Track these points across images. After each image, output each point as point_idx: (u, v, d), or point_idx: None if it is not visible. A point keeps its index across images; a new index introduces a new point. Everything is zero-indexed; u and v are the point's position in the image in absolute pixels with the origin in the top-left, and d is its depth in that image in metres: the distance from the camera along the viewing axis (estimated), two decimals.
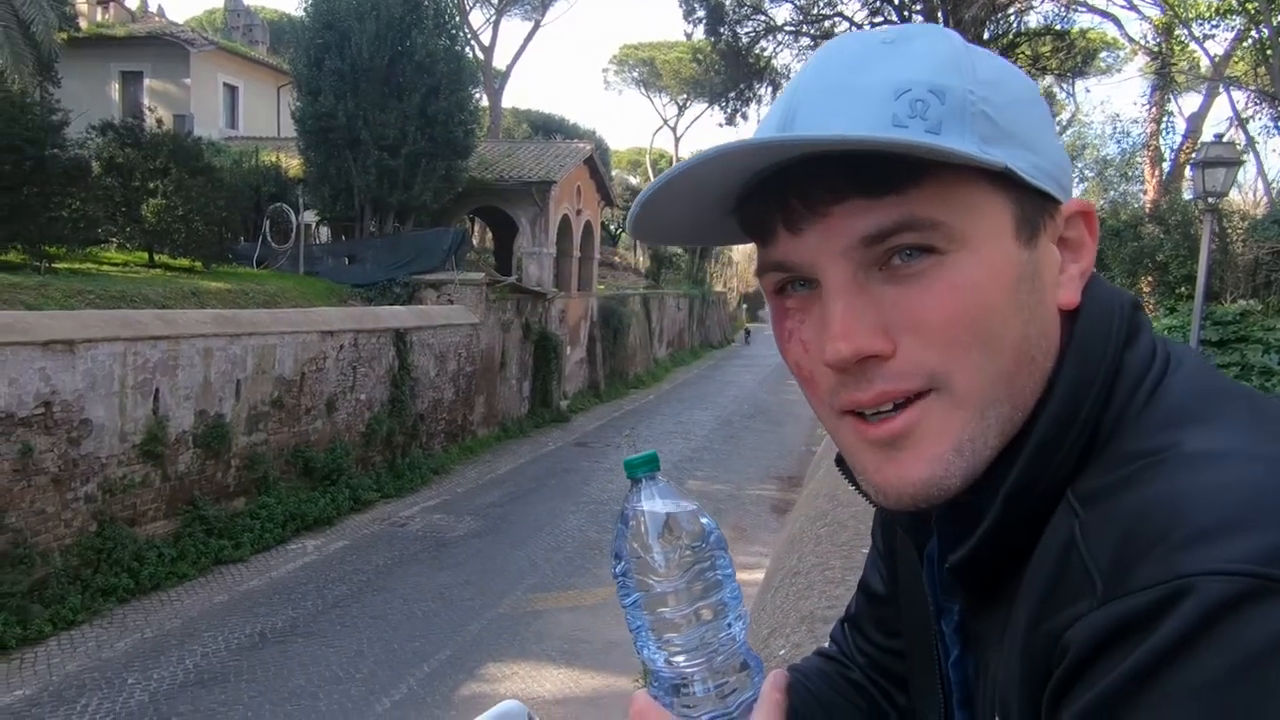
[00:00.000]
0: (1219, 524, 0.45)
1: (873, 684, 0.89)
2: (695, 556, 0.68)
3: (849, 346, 0.56)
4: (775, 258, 0.61)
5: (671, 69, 43.82)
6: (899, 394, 0.57)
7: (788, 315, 0.62)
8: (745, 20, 22.54)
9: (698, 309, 42.82)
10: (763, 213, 0.60)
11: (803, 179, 0.57)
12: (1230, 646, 0.41)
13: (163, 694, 7.59)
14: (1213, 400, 0.55)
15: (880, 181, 0.55)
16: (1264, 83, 15.58)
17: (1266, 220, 12.94)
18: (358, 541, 11.90)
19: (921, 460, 0.57)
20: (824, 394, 0.61)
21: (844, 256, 0.57)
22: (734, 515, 13.70)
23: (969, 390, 0.57)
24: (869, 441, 0.59)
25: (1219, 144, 10.87)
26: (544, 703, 7.78)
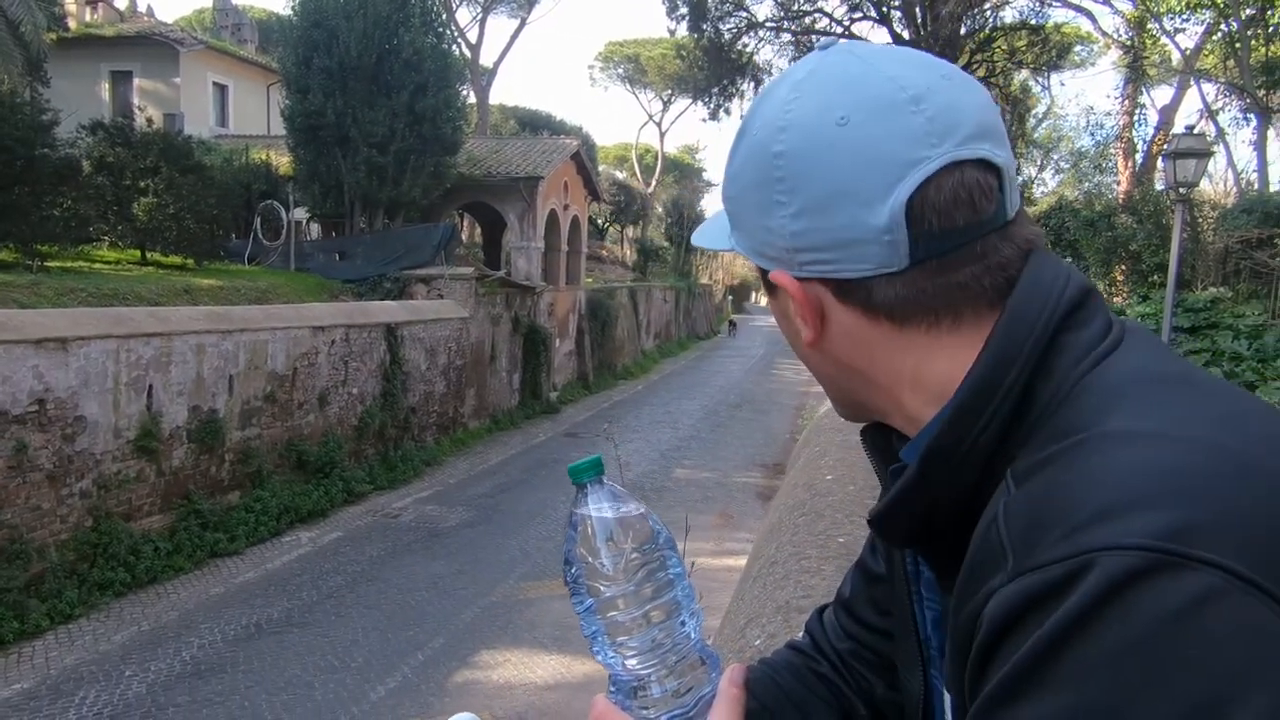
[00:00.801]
0: (1122, 502, 0.46)
1: (848, 675, 0.88)
2: (644, 558, 0.67)
3: None
4: None
5: (656, 65, 43.67)
6: None
7: None
8: (727, 17, 22.50)
9: (684, 301, 42.80)
10: None
11: None
12: (1129, 619, 0.43)
13: (160, 685, 7.56)
14: (1151, 383, 0.56)
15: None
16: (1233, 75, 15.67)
17: (1236, 210, 13.01)
18: (351, 533, 11.87)
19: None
20: None
21: None
22: (721, 502, 13.73)
23: None
24: None
25: (1190, 136, 10.92)
26: (536, 688, 7.79)
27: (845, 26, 22.22)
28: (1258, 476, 0.48)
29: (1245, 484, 0.47)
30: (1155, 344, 0.62)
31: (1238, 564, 0.43)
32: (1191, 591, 0.43)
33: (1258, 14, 14.74)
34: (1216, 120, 17.00)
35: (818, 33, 22.89)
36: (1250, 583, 0.43)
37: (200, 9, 38.01)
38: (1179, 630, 0.42)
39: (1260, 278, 11.53)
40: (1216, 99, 18.03)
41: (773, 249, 0.66)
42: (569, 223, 23.62)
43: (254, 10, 36.07)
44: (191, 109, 23.24)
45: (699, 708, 0.68)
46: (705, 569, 9.47)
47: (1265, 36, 14.79)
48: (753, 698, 0.84)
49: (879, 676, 0.86)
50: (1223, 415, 0.53)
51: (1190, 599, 0.42)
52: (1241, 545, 0.44)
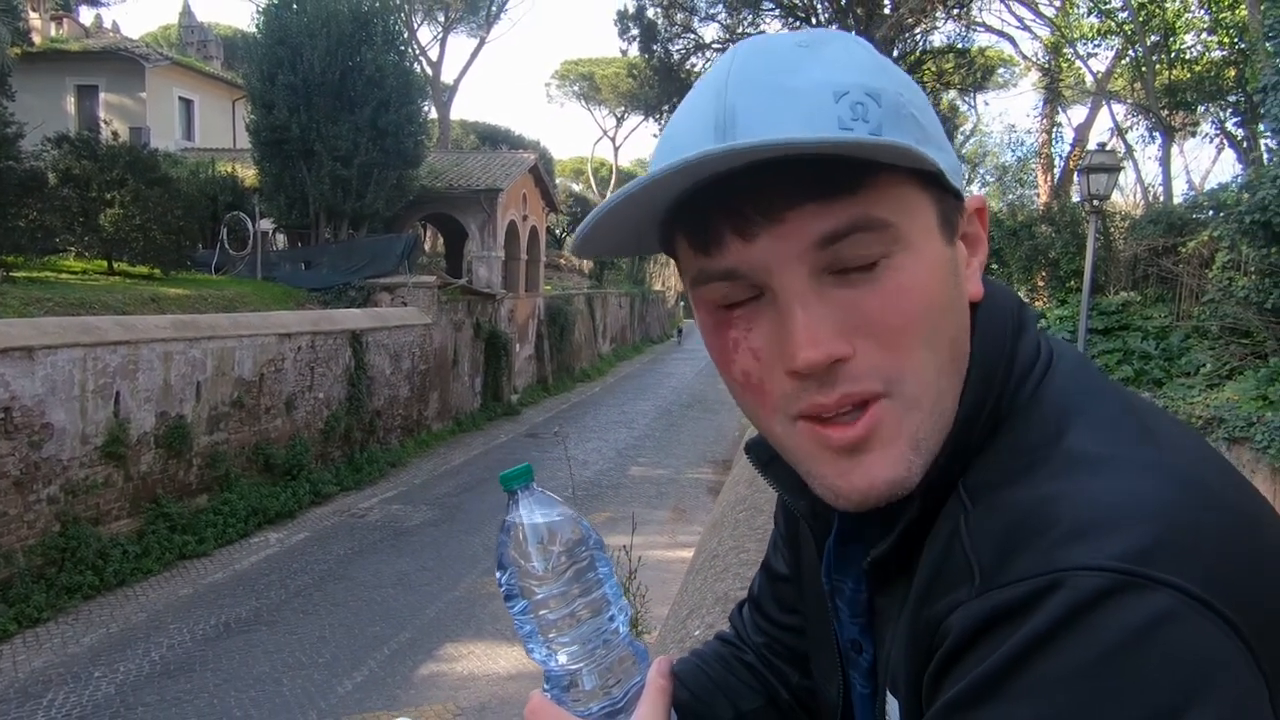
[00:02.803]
0: (1093, 523, 0.46)
1: (766, 665, 0.89)
2: (573, 559, 0.67)
3: (820, 352, 0.52)
4: (724, 265, 0.55)
5: (610, 83, 43.69)
6: (859, 397, 0.54)
7: (731, 325, 0.57)
8: (676, 39, 22.62)
9: (638, 307, 42.85)
10: (708, 222, 0.54)
11: (754, 185, 0.52)
12: (1094, 638, 0.43)
13: (129, 686, 7.34)
14: (1092, 399, 0.55)
15: (833, 184, 0.52)
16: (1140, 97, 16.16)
17: (1144, 220, 13.42)
18: (319, 533, 11.66)
19: (885, 463, 0.54)
20: (776, 401, 0.56)
21: (800, 261, 0.53)
22: (674, 498, 13.77)
23: (919, 389, 0.54)
24: (831, 448, 0.55)
25: (1101, 152, 11.25)
26: (499, 679, 7.74)
27: None
28: (1213, 501, 0.48)
29: (1203, 509, 0.47)
30: (1077, 355, 0.61)
31: (1193, 585, 0.43)
32: (1151, 611, 0.42)
33: (1161, 41, 15.24)
34: (1125, 138, 17.51)
35: None
36: (1204, 603, 0.43)
37: (166, 25, 37.09)
38: (1138, 647, 0.42)
39: (1166, 282, 11.92)
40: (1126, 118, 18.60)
41: (960, 176, 0.59)
42: (528, 233, 23.50)
43: (219, 27, 35.28)
44: (157, 123, 22.64)
45: (628, 698, 0.69)
46: (659, 562, 9.49)
47: (1168, 62, 15.29)
48: (685, 688, 0.85)
49: (793, 667, 0.87)
50: (1169, 437, 0.53)
51: (1149, 618, 0.42)
52: (1197, 567, 0.44)
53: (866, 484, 0.55)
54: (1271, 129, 9.64)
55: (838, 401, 0.54)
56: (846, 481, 0.55)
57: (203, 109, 25.28)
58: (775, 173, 0.51)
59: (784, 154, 0.49)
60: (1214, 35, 14.48)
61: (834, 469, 0.56)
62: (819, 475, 0.57)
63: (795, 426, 0.56)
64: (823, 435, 0.55)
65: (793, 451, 0.58)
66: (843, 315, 0.53)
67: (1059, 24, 17.81)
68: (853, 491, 0.55)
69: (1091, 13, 16.78)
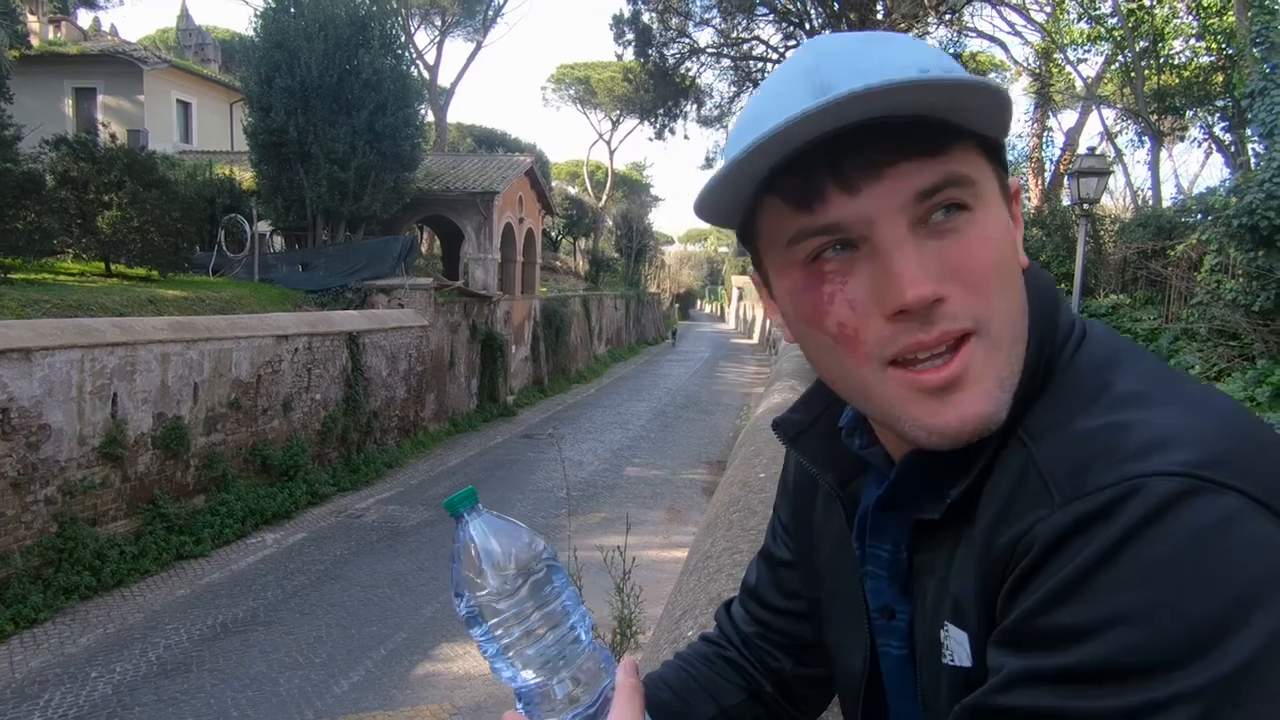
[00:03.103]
0: (1161, 440, 0.51)
1: (755, 657, 0.91)
2: (528, 574, 0.67)
3: (928, 289, 0.56)
4: (827, 220, 0.59)
5: (605, 87, 43.68)
6: (956, 333, 0.58)
7: (825, 280, 0.60)
8: (671, 43, 22.63)
9: (633, 309, 42.86)
10: (813, 180, 0.58)
11: (856, 146, 0.56)
12: (1171, 535, 0.47)
13: (126, 685, 7.31)
14: (1129, 355, 0.61)
15: (926, 145, 0.57)
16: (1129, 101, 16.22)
17: (1133, 224, 13.48)
18: (316, 533, 11.63)
19: (976, 399, 0.58)
20: (870, 349, 0.59)
21: (900, 213, 0.57)
22: (669, 498, 13.78)
23: (1001, 330, 0.59)
24: (922, 390, 0.59)
25: (1091, 156, 11.29)
26: (493, 679, 7.66)
27: (780, 53, 22.51)
28: (1260, 426, 0.55)
29: (1256, 430, 0.54)
30: (1108, 328, 0.67)
31: (1256, 491, 0.48)
32: (1221, 511, 0.47)
33: (1150, 47, 15.30)
34: (1115, 142, 17.57)
35: (755, 58, 23.17)
36: (1266, 506, 0.48)
37: (164, 29, 37.01)
38: (1212, 543, 0.46)
39: (1155, 285, 11.96)
40: (1115, 123, 18.65)
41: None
42: (524, 235, 23.49)
43: (217, 30, 35.19)
44: (155, 125, 22.58)
45: (599, 704, 0.69)
46: (654, 562, 9.51)
47: (1156, 67, 15.35)
48: (667, 688, 0.87)
49: (787, 654, 0.90)
50: (1201, 385, 0.59)
51: (1220, 518, 0.47)
52: (1257, 477, 0.49)
53: (959, 420, 0.58)
54: (1258, 134, 9.69)
55: (937, 339, 0.57)
56: (941, 419, 0.58)
57: (200, 112, 25.23)
58: (874, 135, 0.56)
59: (884, 116, 0.55)
60: (1202, 41, 14.55)
61: (926, 409, 0.59)
62: (911, 418, 0.60)
63: (886, 373, 0.60)
64: (914, 379, 0.59)
65: (882, 399, 0.61)
66: (936, 262, 0.57)
67: (1049, 30, 17.88)
68: (947, 428, 0.58)
69: (1081, 19, 16.85)
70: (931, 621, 0.63)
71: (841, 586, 0.77)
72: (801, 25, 21.19)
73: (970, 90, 0.55)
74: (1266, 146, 9.36)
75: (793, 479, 0.89)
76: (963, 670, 0.59)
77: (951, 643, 0.60)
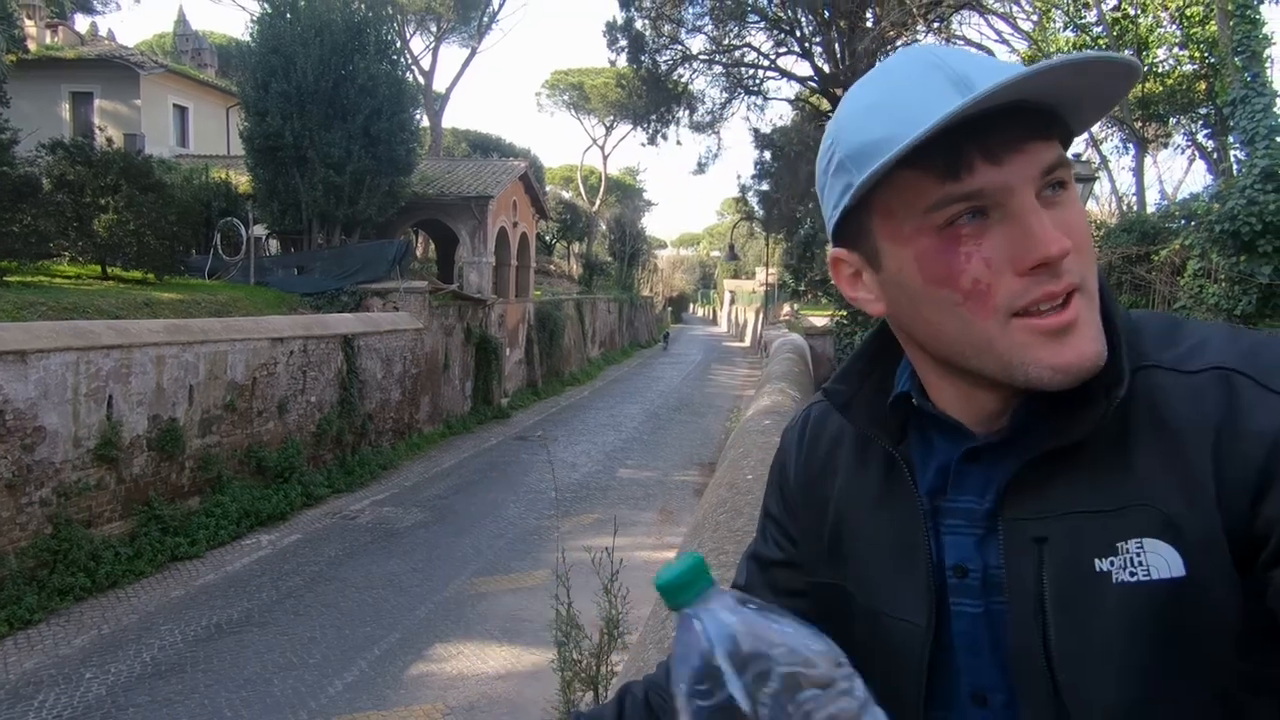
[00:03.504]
0: None
1: None
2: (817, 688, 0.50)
3: (1066, 243, 0.65)
4: (972, 187, 0.66)
5: (599, 93, 43.75)
6: (1074, 285, 0.67)
7: (961, 241, 0.68)
8: (663, 49, 22.64)
9: (627, 312, 42.84)
10: (961, 153, 0.65)
11: (997, 126, 0.65)
12: None
13: (120, 686, 7.26)
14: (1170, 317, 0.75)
15: (1048, 129, 0.67)
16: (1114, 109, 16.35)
17: (1118, 229, 13.55)
18: (310, 535, 11.58)
19: (1088, 340, 0.67)
20: (1000, 302, 0.67)
21: (1032, 182, 0.66)
22: (661, 499, 13.77)
23: (1092, 287, 0.69)
24: (1042, 334, 0.66)
25: (1076, 162, 11.35)
26: (487, 678, 7.70)
27: (772, 60, 22.56)
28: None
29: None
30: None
31: None
32: None
33: (1134, 55, 15.40)
34: (1100, 149, 17.67)
35: (747, 65, 23.20)
36: None
37: (161, 34, 36.89)
38: None
39: (1139, 290, 12.02)
40: (1101, 130, 18.76)
41: None
42: (518, 239, 23.48)
43: (214, 35, 35.11)
44: (152, 129, 22.51)
45: None
46: (647, 562, 9.50)
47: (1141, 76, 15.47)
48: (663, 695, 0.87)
49: None
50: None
51: None
52: None
53: (1079, 357, 0.66)
54: (1240, 141, 9.76)
55: (1065, 288, 0.66)
56: (1063, 358, 0.66)
57: (197, 116, 25.16)
58: (1009, 118, 0.65)
59: (1019, 101, 0.64)
60: (1185, 50, 14.65)
61: (1049, 351, 0.66)
62: (1034, 360, 0.67)
63: (1010, 324, 0.67)
64: (1038, 325, 0.67)
65: (1006, 347, 0.68)
66: (1057, 226, 0.66)
67: (1036, 38, 17.98)
68: (1070, 365, 0.66)
69: (1067, 27, 16.95)
70: (1073, 554, 0.65)
71: (893, 551, 0.78)
72: (792, 33, 21.24)
73: (1112, 65, 0.65)
74: (1248, 153, 9.43)
75: (804, 459, 0.90)
76: (1174, 581, 0.61)
77: (1147, 558, 0.62)
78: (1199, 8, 13.39)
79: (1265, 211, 8.55)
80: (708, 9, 21.77)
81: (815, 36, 21.10)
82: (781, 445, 0.95)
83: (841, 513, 0.83)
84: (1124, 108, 15.26)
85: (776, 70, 22.99)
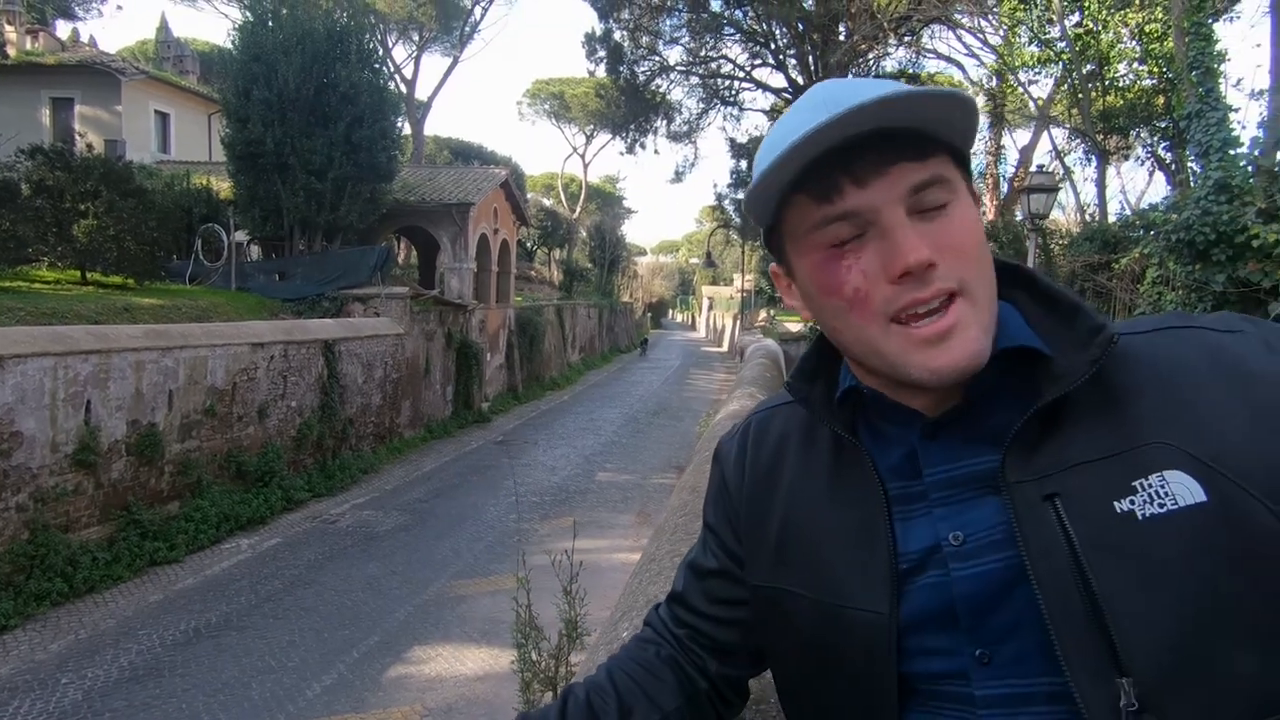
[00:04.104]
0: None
1: (685, 655, 0.94)
2: None
3: (925, 254, 0.70)
4: (843, 208, 0.73)
5: (579, 102, 43.74)
6: (947, 290, 0.71)
7: (844, 255, 0.74)
8: (641, 61, 22.73)
9: (606, 317, 42.81)
10: (832, 178, 0.72)
11: (863, 151, 0.71)
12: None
13: (97, 692, 7.15)
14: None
15: (917, 150, 0.71)
16: (1077, 121, 16.55)
17: (1080, 238, 13.73)
18: (290, 539, 11.47)
19: (970, 341, 0.71)
20: (878, 307, 0.72)
21: (899, 202, 0.71)
22: (639, 502, 13.77)
23: (981, 292, 0.72)
24: (919, 340, 0.71)
25: (1041, 174, 11.53)
26: (466, 680, 7.66)
27: (747, 72, 22.68)
28: None
29: None
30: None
31: None
32: None
33: (1096, 70, 15.63)
34: (1064, 160, 17.89)
35: (723, 76, 23.32)
36: None
37: (144, 40, 36.45)
38: None
39: (1101, 296, 12.19)
40: (1065, 142, 19.01)
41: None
42: (499, 245, 23.42)
43: (196, 43, 34.73)
44: (133, 136, 22.24)
45: None
46: (625, 565, 9.49)
47: (1102, 89, 15.67)
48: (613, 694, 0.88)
49: (711, 655, 0.93)
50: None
51: None
52: None
53: (953, 360, 0.71)
54: (1195, 153, 9.94)
55: (932, 294, 0.71)
56: (938, 361, 0.71)
57: (179, 122, 24.87)
58: (877, 142, 0.71)
59: (881, 128, 0.70)
60: (1144, 65, 14.88)
61: (926, 356, 0.71)
62: (914, 364, 0.72)
63: (890, 329, 0.72)
64: (913, 334, 0.71)
65: (886, 351, 0.73)
66: (928, 238, 0.71)
67: (1003, 52, 18.20)
68: (943, 368, 0.71)
69: (1032, 42, 17.16)
70: (1092, 501, 0.67)
71: (853, 542, 0.78)
72: (767, 45, 21.39)
73: (944, 99, 0.70)
74: (1202, 166, 9.61)
75: (748, 466, 0.90)
76: (1199, 505, 0.64)
77: (1170, 487, 0.65)
78: (1157, 25, 13.61)
79: (1218, 221, 8.71)
80: (685, 21, 21.88)
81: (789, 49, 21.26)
82: (718, 457, 0.97)
83: (790, 515, 0.84)
84: (1086, 121, 15.48)
85: (752, 81, 23.15)
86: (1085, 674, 0.64)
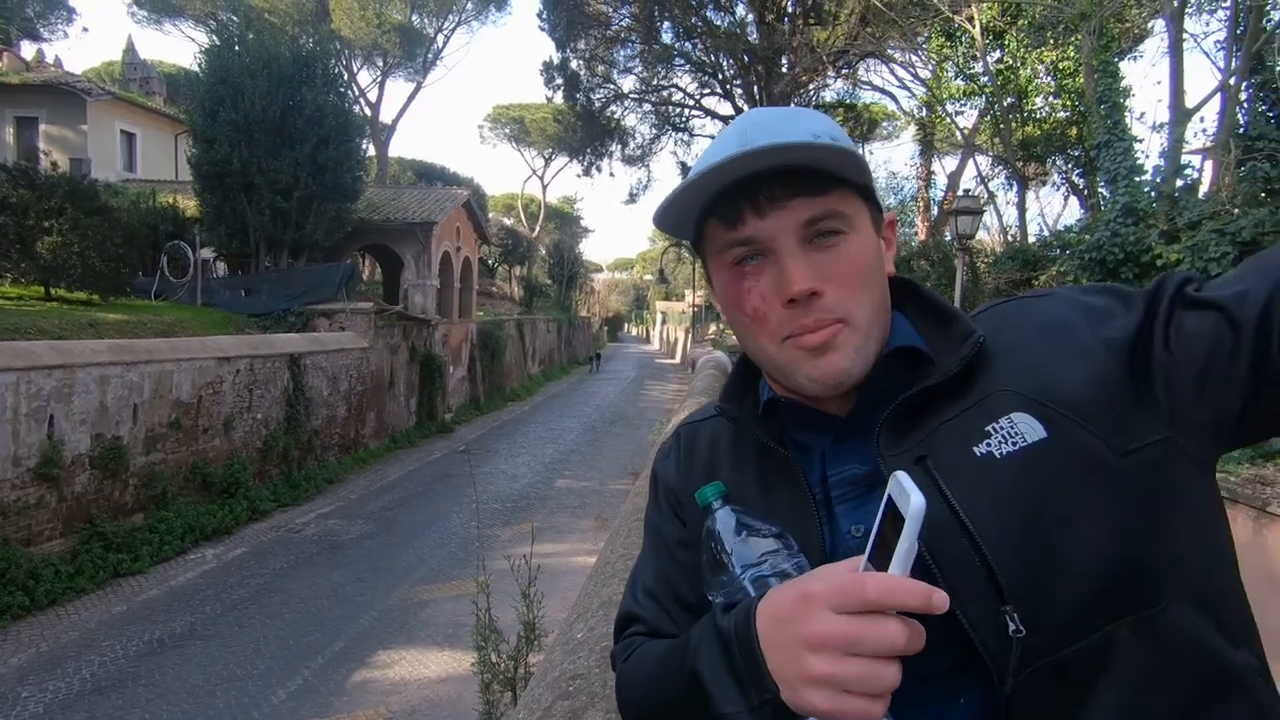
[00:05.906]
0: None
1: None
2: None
3: (807, 285, 0.74)
4: (743, 235, 0.77)
5: (538, 127, 43.63)
6: (828, 320, 0.75)
7: (745, 277, 0.78)
8: (597, 88, 22.80)
9: (565, 331, 42.66)
10: (737, 206, 0.76)
11: (766, 184, 0.75)
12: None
13: (58, 704, 6.84)
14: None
15: (814, 186, 0.75)
16: (999, 149, 17.04)
17: (1003, 257, 14.13)
18: (256, 548, 11.15)
19: (845, 358, 0.75)
20: (774, 328, 0.77)
21: (793, 233, 0.75)
22: (597, 508, 13.70)
23: (864, 320, 0.76)
24: (805, 350, 0.75)
25: (967, 197, 11.83)
26: (429, 683, 7.52)
27: (696, 100, 22.91)
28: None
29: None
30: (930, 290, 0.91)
31: None
32: None
33: (1016, 102, 16.14)
34: (988, 185, 18.39)
35: (674, 104, 23.51)
36: None
37: (110, 61, 35.36)
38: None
39: None
40: (989, 168, 19.55)
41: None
42: (461, 263, 23.21)
43: (163, 65, 33.82)
44: (99, 155, 21.55)
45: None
46: (582, 568, 9.42)
47: (1021, 120, 16.19)
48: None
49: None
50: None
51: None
52: None
53: (830, 371, 0.75)
54: (1105, 179, 10.31)
55: (815, 323, 0.75)
56: (819, 370, 0.75)
57: (145, 142, 24.17)
58: (779, 178, 0.75)
59: (785, 163, 0.74)
60: (1059, 99, 15.41)
61: (810, 365, 0.76)
62: (801, 373, 0.76)
63: (784, 345, 0.77)
64: (798, 343, 0.76)
65: (782, 363, 0.78)
66: (817, 269, 0.75)
67: (932, 85, 18.69)
68: (823, 376, 0.76)
69: (958, 76, 17.66)
70: (955, 452, 0.71)
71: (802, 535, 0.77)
72: (715, 75, 21.64)
73: (834, 151, 0.74)
74: (1111, 191, 9.97)
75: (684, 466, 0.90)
76: (1039, 442, 0.69)
77: (1017, 427, 0.70)
78: (1070, 62, 14.11)
79: (1126, 242, 9.05)
80: (638, 52, 22.03)
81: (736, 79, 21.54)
82: (655, 470, 0.95)
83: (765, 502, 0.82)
84: (1008, 149, 15.97)
85: (701, 109, 23.37)
86: (975, 609, 0.66)
